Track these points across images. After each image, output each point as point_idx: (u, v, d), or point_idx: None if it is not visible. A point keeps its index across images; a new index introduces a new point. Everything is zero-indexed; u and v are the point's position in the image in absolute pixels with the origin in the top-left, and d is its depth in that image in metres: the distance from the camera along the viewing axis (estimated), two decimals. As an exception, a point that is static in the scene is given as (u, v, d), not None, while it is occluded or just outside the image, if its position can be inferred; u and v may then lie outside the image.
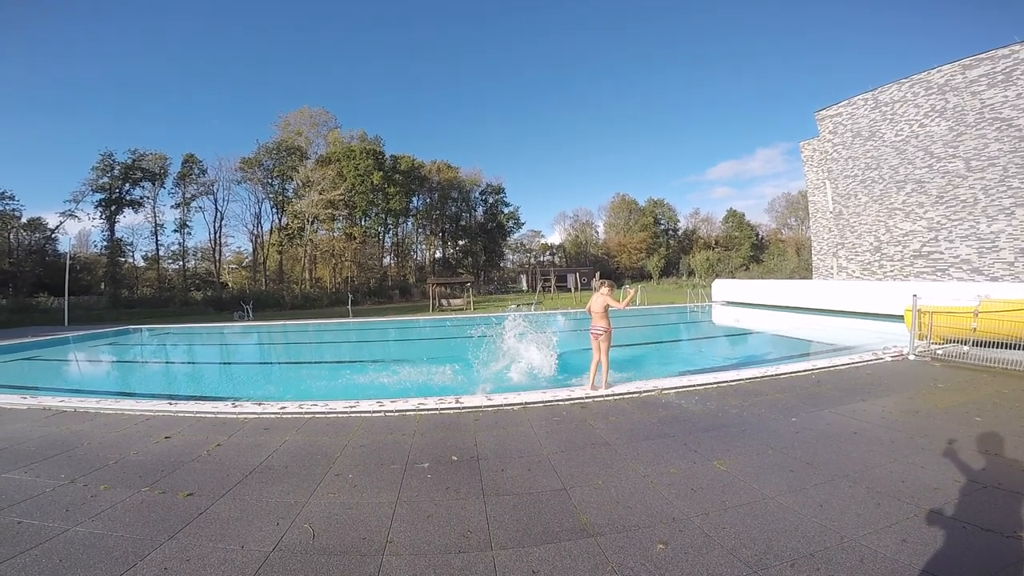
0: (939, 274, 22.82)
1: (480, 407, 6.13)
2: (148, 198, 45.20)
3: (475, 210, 67.24)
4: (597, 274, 46.65)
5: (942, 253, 22.88)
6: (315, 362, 13.99)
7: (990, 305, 8.81)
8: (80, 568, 2.86)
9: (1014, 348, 7.75)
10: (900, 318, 10.41)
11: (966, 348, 8.59)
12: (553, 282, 46.43)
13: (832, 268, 29.75)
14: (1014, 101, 19.91)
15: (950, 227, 22.52)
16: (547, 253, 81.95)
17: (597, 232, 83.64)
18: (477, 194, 66.89)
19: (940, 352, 8.70)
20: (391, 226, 58.47)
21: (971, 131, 21.45)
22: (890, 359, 8.49)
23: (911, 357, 8.57)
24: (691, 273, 58.36)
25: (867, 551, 2.81)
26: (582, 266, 64.29)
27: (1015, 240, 20.10)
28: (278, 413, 6.06)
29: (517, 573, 2.74)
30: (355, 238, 49.85)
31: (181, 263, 49.46)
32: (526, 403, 6.24)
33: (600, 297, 6.80)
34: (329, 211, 45.73)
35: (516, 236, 75.50)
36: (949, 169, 22.41)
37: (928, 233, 23.46)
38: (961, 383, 6.82)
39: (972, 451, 4.27)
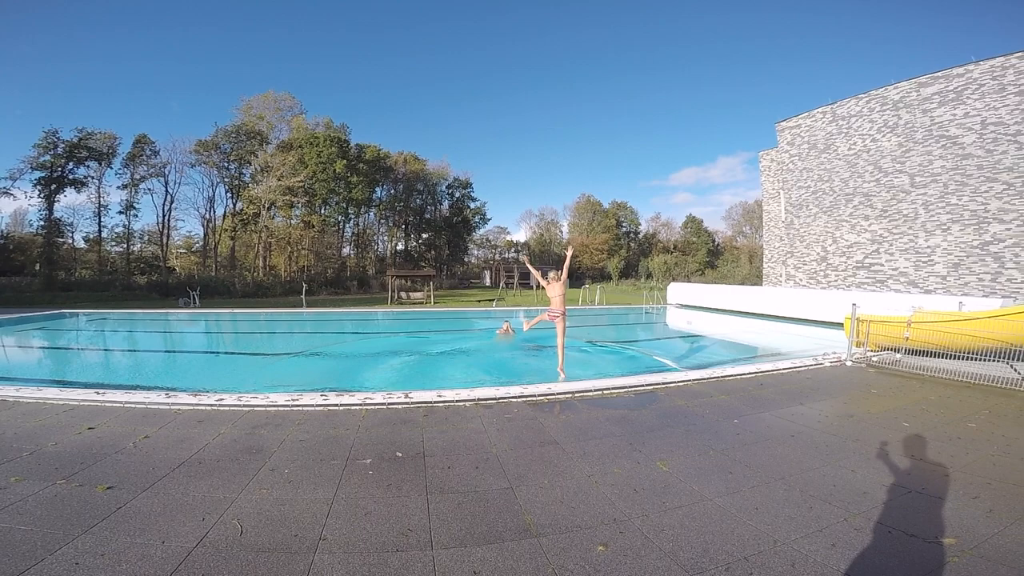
0: (878, 285, 24.04)
1: (430, 403, 6.02)
2: (93, 178, 42.31)
3: (441, 203, 66.29)
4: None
5: (882, 265, 24.11)
6: (261, 354, 13.48)
7: (922, 316, 9.30)
8: (-22, 566, 2.63)
9: (941, 357, 8.23)
10: (840, 325, 10.87)
11: (899, 356, 9.07)
12: (516, 279, 46.46)
13: (781, 276, 30.93)
14: (961, 120, 21.00)
15: (891, 240, 23.73)
16: (512, 250, 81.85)
17: (562, 231, 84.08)
18: (444, 187, 65.95)
19: (875, 359, 9.16)
20: (352, 216, 57.03)
21: (918, 147, 22.56)
22: (829, 364, 8.85)
23: (848, 363, 8.96)
24: (649, 275, 59.68)
25: (798, 555, 2.87)
26: (546, 264, 64.55)
27: (948, 255, 21.37)
28: (214, 405, 5.78)
29: (457, 573, 2.68)
30: (313, 226, 48.49)
31: (126, 246, 46.76)
32: (479, 399, 6.17)
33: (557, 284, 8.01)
34: (287, 198, 44.22)
35: (482, 232, 75.14)
36: (895, 184, 23.57)
37: (871, 245, 24.65)
38: (892, 389, 7.17)
39: (899, 455, 4.47)
